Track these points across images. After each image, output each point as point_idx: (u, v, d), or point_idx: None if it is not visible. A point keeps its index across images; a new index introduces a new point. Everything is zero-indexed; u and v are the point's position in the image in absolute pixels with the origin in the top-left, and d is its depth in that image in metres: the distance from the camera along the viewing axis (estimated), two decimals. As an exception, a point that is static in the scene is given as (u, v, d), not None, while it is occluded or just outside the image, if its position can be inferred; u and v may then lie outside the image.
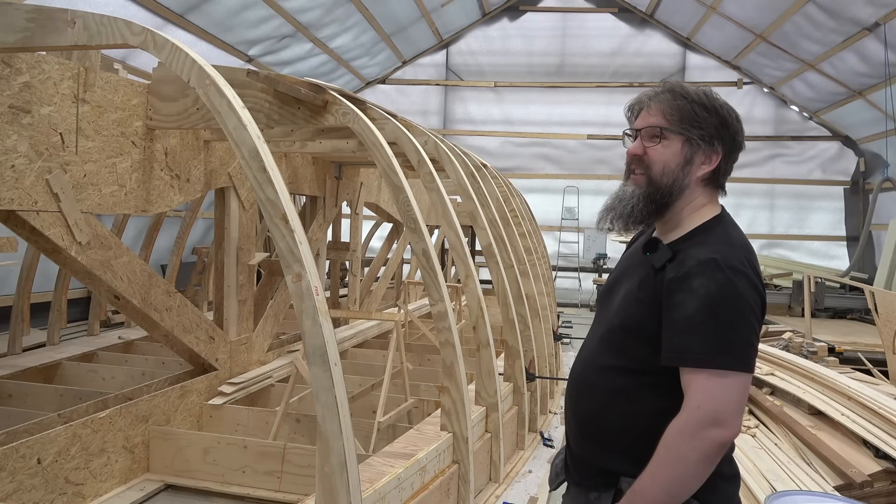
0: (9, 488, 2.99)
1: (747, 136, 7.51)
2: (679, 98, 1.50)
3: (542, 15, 13.54)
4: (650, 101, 1.53)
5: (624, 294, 1.54)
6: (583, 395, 1.58)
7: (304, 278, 2.29)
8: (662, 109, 1.50)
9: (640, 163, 1.52)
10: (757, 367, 5.44)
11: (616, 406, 1.50)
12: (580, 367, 1.62)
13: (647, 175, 1.51)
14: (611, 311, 1.57)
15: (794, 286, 10.19)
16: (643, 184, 1.51)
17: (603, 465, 1.53)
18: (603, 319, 1.60)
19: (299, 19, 9.62)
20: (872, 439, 3.81)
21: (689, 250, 1.43)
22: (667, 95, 1.52)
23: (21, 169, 3.12)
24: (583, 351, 1.66)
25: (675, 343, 1.37)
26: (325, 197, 6.22)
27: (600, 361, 1.54)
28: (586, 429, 1.57)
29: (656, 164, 1.50)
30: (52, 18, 2.68)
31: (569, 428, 1.65)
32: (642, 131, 1.52)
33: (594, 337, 1.61)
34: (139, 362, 5.35)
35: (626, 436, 1.50)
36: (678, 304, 1.37)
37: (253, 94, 3.68)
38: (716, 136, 1.53)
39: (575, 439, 1.62)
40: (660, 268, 1.45)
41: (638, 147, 1.52)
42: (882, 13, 8.54)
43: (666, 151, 1.50)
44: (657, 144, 1.50)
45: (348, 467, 2.21)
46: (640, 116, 1.55)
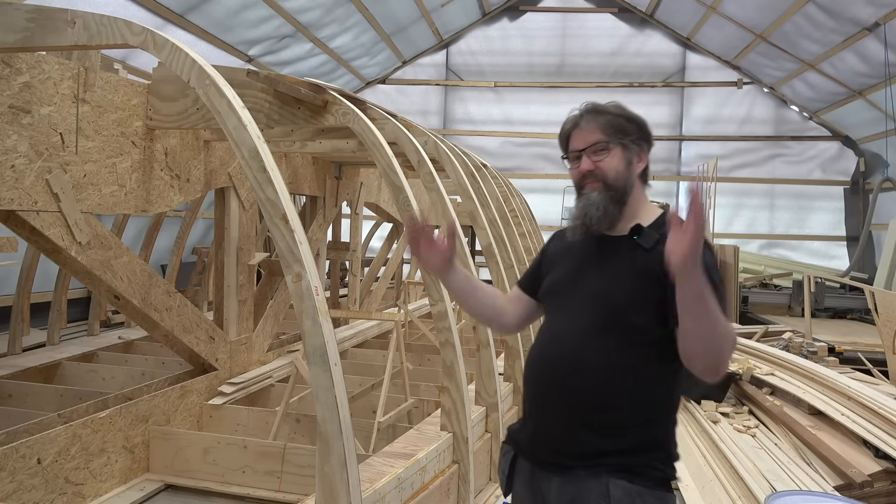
0: (9, 488, 2.99)
1: (748, 135, 7.66)
2: (605, 114, 1.73)
3: (542, 15, 13.54)
4: (582, 123, 1.74)
5: (608, 280, 1.67)
6: (580, 378, 1.65)
7: (304, 278, 2.29)
8: (598, 126, 1.71)
9: (592, 176, 1.71)
10: (757, 367, 5.44)
11: (617, 382, 1.62)
12: (566, 348, 1.69)
13: (602, 182, 1.70)
14: (592, 296, 1.68)
15: (794, 286, 10.19)
16: (602, 188, 1.70)
17: (593, 445, 1.64)
18: (579, 305, 1.70)
19: (299, 19, 9.62)
20: (872, 439, 3.81)
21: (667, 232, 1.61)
22: (594, 115, 1.73)
23: (21, 169, 3.12)
24: (558, 336, 1.73)
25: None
26: (325, 197, 6.22)
27: (598, 343, 1.65)
28: (584, 410, 1.63)
29: (609, 172, 1.70)
30: (52, 18, 2.68)
31: (551, 413, 1.70)
32: (587, 149, 1.72)
33: (574, 320, 1.70)
34: (139, 362, 5.35)
35: (624, 409, 1.63)
36: None
37: (253, 94, 3.68)
38: (640, 139, 1.74)
39: (562, 422, 1.67)
40: (649, 248, 1.64)
41: (588, 163, 1.72)
42: (882, 13, 8.54)
43: (613, 160, 1.71)
44: (605, 156, 1.71)
45: (348, 467, 2.21)
46: (577, 138, 1.74)
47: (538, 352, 1.78)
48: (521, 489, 1.77)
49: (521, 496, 1.78)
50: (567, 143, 1.78)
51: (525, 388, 1.82)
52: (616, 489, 1.60)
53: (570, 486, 1.63)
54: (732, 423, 4.70)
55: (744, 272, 11.33)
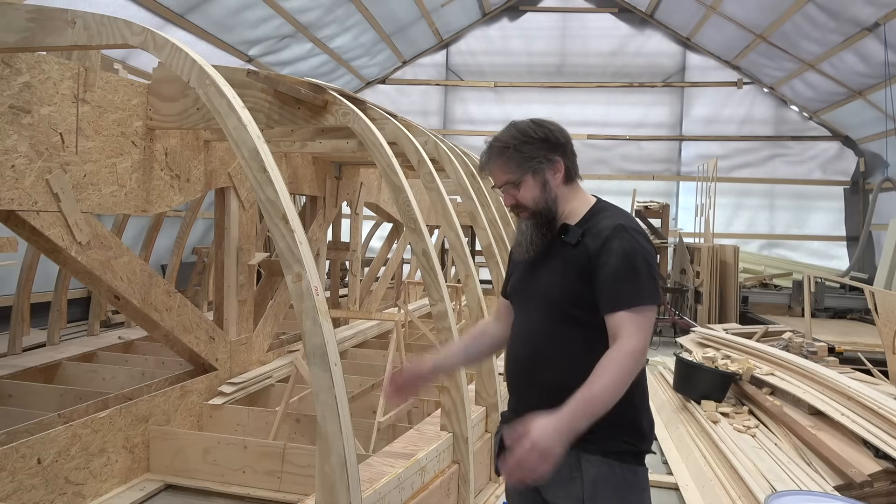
0: (9, 488, 2.99)
1: (748, 135, 7.63)
2: (504, 152, 1.82)
3: (542, 15, 13.53)
4: (489, 167, 1.87)
5: (549, 276, 1.82)
6: (542, 367, 1.80)
7: (304, 278, 2.29)
8: (502, 166, 1.83)
9: (517, 207, 1.86)
10: (757, 367, 5.44)
11: (576, 367, 1.70)
12: (528, 346, 1.84)
13: (528, 210, 1.84)
14: (541, 294, 1.83)
15: (794, 286, 10.18)
16: (529, 216, 1.85)
17: None
18: (535, 303, 1.85)
19: (299, 19, 9.61)
20: (872, 439, 3.81)
21: (598, 224, 1.77)
22: (496, 157, 1.83)
23: (21, 169, 3.12)
24: (521, 334, 1.89)
25: (608, 294, 1.69)
26: (325, 197, 6.22)
27: (552, 334, 1.79)
28: (552, 395, 1.68)
29: (528, 202, 1.83)
30: (52, 18, 2.68)
31: (526, 401, 1.83)
32: (502, 188, 1.86)
33: (530, 320, 1.85)
34: (139, 362, 5.35)
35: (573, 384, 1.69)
36: (604, 264, 1.70)
37: (253, 94, 3.68)
38: (548, 152, 1.82)
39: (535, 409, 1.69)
40: (575, 244, 1.77)
41: (509, 199, 1.86)
42: (882, 13, 8.54)
43: (528, 191, 1.82)
44: (518, 191, 1.83)
45: (348, 467, 2.21)
46: (492, 174, 1.88)
47: (509, 349, 1.94)
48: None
49: None
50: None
51: (506, 379, 1.98)
52: (588, 464, 1.73)
53: None
54: (732, 423, 4.70)
55: (744, 272, 11.33)
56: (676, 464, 4.41)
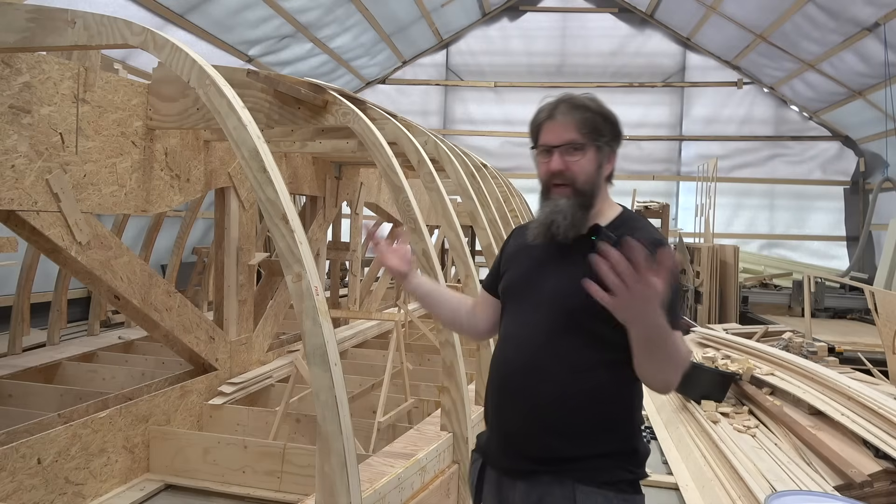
0: (9, 488, 2.99)
1: (748, 135, 7.63)
2: (582, 110, 1.62)
3: (542, 15, 13.54)
4: (558, 115, 1.63)
5: (566, 280, 1.59)
6: (539, 381, 1.60)
7: (304, 278, 2.29)
8: (574, 123, 1.61)
9: (562, 177, 1.62)
10: (757, 367, 5.44)
11: (578, 383, 1.58)
12: (526, 352, 1.64)
13: (572, 186, 1.62)
14: (552, 298, 1.63)
15: (794, 286, 10.19)
16: (570, 194, 1.62)
17: (557, 451, 1.59)
18: (540, 306, 1.64)
19: (299, 19, 9.62)
20: (872, 439, 3.81)
21: (634, 235, 1.54)
22: (571, 109, 1.62)
23: (21, 169, 3.12)
24: (518, 339, 1.68)
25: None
26: (325, 197, 6.22)
27: (557, 343, 1.60)
28: (544, 410, 1.58)
29: (580, 176, 1.62)
30: (52, 18, 2.68)
31: (512, 417, 1.65)
32: (560, 147, 1.62)
33: (531, 325, 1.65)
34: (139, 362, 5.35)
35: (587, 411, 1.59)
36: None
37: (253, 94, 3.68)
38: (612, 140, 1.67)
39: (523, 426, 1.62)
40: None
41: (559, 162, 1.62)
42: (882, 13, 8.54)
43: (586, 163, 1.62)
44: (578, 158, 1.62)
45: (348, 467, 2.21)
46: (550, 131, 1.64)
47: (498, 356, 1.73)
48: (490, 497, 1.72)
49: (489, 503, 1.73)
50: (538, 134, 1.68)
51: (487, 394, 1.76)
52: (583, 496, 1.57)
53: (534, 492, 1.59)
54: (732, 423, 4.70)
55: (744, 272, 11.33)
56: (676, 464, 4.41)
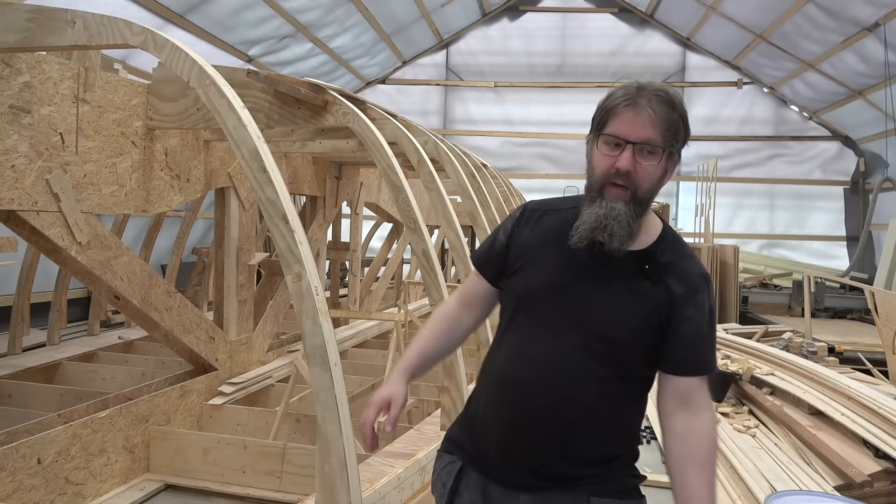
0: (9, 488, 2.99)
1: (748, 135, 7.60)
2: (672, 109, 1.40)
3: (542, 15, 13.54)
4: (643, 106, 1.38)
5: (611, 307, 1.45)
6: (566, 409, 1.45)
7: (304, 278, 2.29)
8: (659, 121, 1.38)
9: (625, 179, 1.40)
10: (757, 367, 5.44)
11: (605, 413, 1.47)
12: (556, 382, 1.46)
13: (631, 191, 1.41)
14: (593, 322, 1.45)
15: (794, 286, 10.19)
16: (628, 199, 1.41)
17: (571, 471, 1.49)
18: (579, 330, 1.46)
19: (299, 19, 9.62)
20: (872, 439, 3.81)
21: (683, 265, 1.48)
22: (666, 106, 1.39)
23: (21, 169, 3.12)
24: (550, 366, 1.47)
25: (692, 356, 1.47)
26: (325, 197, 6.22)
27: (591, 375, 1.45)
28: (567, 440, 1.46)
29: (645, 183, 1.41)
30: (52, 18, 2.68)
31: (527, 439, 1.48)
32: (637, 145, 1.38)
33: (568, 350, 1.46)
34: (139, 362, 5.35)
35: (610, 438, 1.50)
36: (689, 318, 1.45)
37: (253, 94, 3.68)
38: (681, 147, 1.45)
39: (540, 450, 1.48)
40: (656, 280, 1.45)
41: (629, 162, 1.39)
42: (882, 13, 8.54)
43: (654, 168, 1.41)
44: (652, 162, 1.40)
45: (348, 467, 2.21)
46: (631, 122, 1.38)
47: (511, 370, 1.51)
48: (472, 500, 1.56)
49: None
50: (607, 119, 1.42)
51: (487, 398, 1.56)
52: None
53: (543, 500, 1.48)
54: (732, 423, 4.70)
55: (744, 272, 11.33)
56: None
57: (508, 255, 1.57)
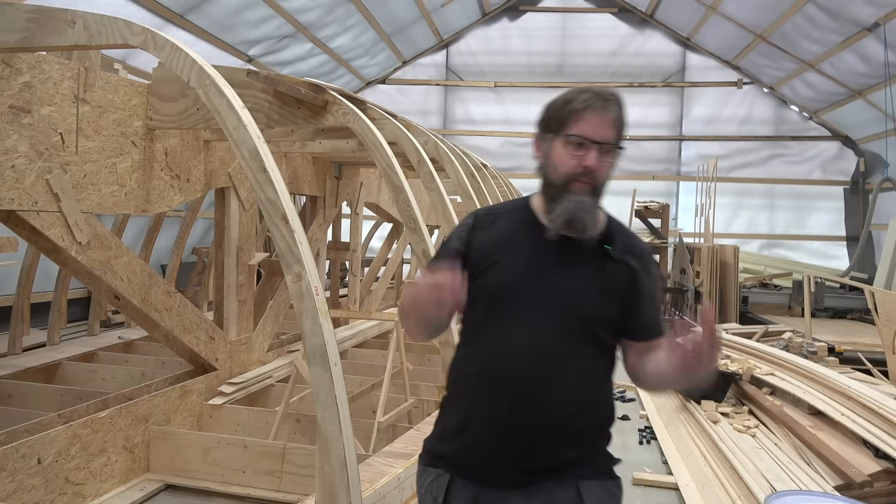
0: (9, 488, 2.99)
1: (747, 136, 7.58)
2: (622, 112, 1.54)
3: (542, 15, 13.54)
4: (603, 109, 1.50)
5: (584, 285, 1.56)
6: (555, 391, 1.52)
7: (304, 278, 2.29)
8: (616, 123, 1.53)
9: (589, 176, 1.52)
10: (757, 367, 5.44)
11: (589, 390, 1.59)
12: (542, 365, 1.52)
13: (593, 185, 1.53)
14: (566, 303, 1.54)
15: (794, 286, 10.19)
16: (590, 192, 1.54)
17: (562, 458, 1.55)
18: (556, 313, 1.54)
19: (299, 19, 9.62)
20: (872, 439, 3.81)
21: (633, 242, 1.66)
22: (618, 107, 1.53)
23: (21, 169, 3.12)
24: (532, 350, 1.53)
25: (653, 323, 1.64)
26: (325, 197, 6.22)
27: (573, 354, 1.54)
28: (559, 423, 1.53)
29: (603, 178, 1.55)
30: (52, 18, 2.69)
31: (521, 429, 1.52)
32: (601, 145, 1.50)
33: (548, 333, 1.53)
34: (139, 362, 5.35)
35: (594, 416, 1.61)
36: (647, 289, 1.62)
37: (253, 94, 3.69)
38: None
39: (535, 437, 1.53)
40: (617, 258, 1.59)
41: (594, 159, 1.50)
42: (882, 13, 8.54)
43: (611, 165, 1.56)
44: (611, 160, 1.55)
45: (348, 467, 2.21)
46: (593, 124, 1.50)
47: (494, 364, 1.55)
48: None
49: None
50: (567, 121, 1.52)
51: (466, 403, 1.59)
52: (588, 491, 1.56)
53: (535, 501, 1.53)
54: (732, 423, 4.70)
55: (744, 272, 11.33)
56: (676, 464, 4.41)
57: (468, 261, 1.60)
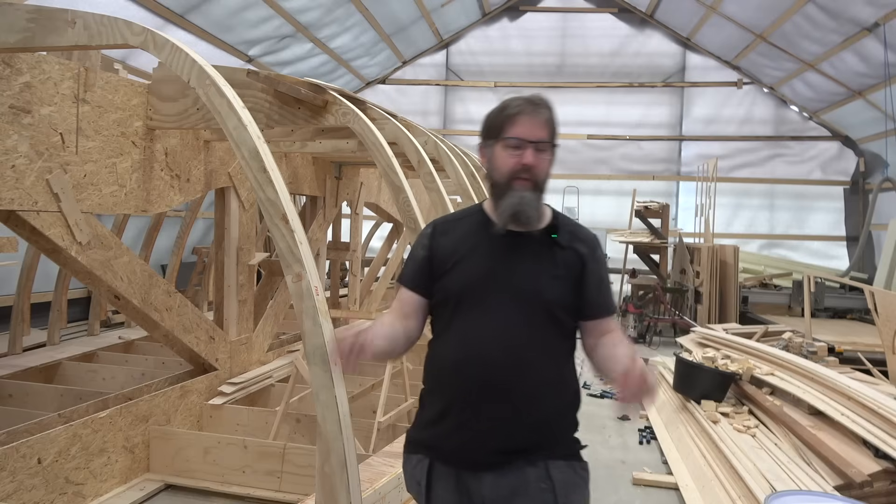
0: (9, 488, 2.99)
1: (748, 135, 7.67)
2: (549, 111, 1.73)
3: (542, 15, 13.53)
4: (532, 112, 1.69)
5: (537, 275, 1.71)
6: (524, 375, 1.66)
7: (305, 278, 2.29)
8: (547, 123, 1.71)
9: (528, 173, 1.69)
10: (757, 367, 5.44)
11: (556, 372, 1.72)
12: (510, 351, 1.65)
13: (533, 181, 1.70)
14: (527, 292, 1.70)
15: (794, 286, 10.18)
16: (532, 188, 1.70)
17: (532, 438, 1.67)
18: (518, 302, 1.69)
19: (299, 19, 9.62)
20: (872, 439, 3.81)
21: (580, 231, 1.81)
22: (546, 109, 1.72)
23: (21, 169, 3.12)
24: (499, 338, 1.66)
25: (601, 301, 1.78)
26: (325, 197, 6.22)
27: (538, 338, 1.69)
28: (530, 405, 1.66)
29: (542, 173, 1.72)
30: (52, 18, 2.69)
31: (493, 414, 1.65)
32: (535, 143, 1.69)
33: (513, 320, 1.67)
34: (139, 362, 5.35)
35: (562, 396, 1.73)
36: (594, 272, 1.76)
37: (253, 94, 3.69)
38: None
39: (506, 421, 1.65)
40: (566, 245, 1.74)
41: (530, 157, 1.68)
42: (882, 13, 8.54)
43: (548, 162, 1.74)
44: (546, 157, 1.72)
45: (348, 467, 2.21)
46: (525, 126, 1.69)
47: (464, 353, 1.68)
48: (446, 494, 1.71)
49: (447, 500, 1.71)
50: (503, 126, 1.71)
51: (443, 392, 1.72)
52: (556, 471, 1.68)
53: (506, 479, 1.65)
54: (732, 423, 4.70)
55: (744, 272, 11.32)
56: (676, 464, 4.41)
57: (432, 265, 1.78)
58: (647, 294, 10.34)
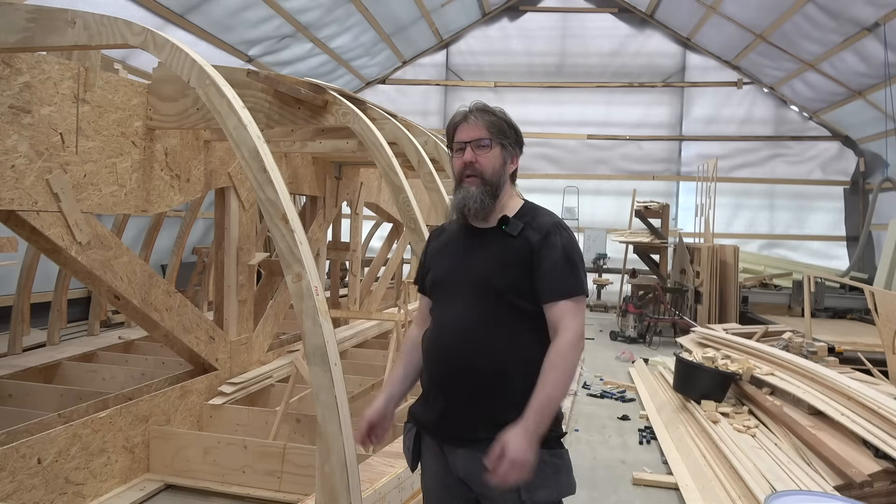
0: (9, 488, 2.99)
1: (748, 135, 7.71)
2: (490, 115, 1.90)
3: (542, 15, 13.54)
4: (471, 118, 1.89)
5: (486, 265, 1.85)
6: (480, 356, 1.80)
7: (304, 278, 2.29)
8: (484, 124, 1.88)
9: (472, 169, 1.88)
10: (757, 367, 5.44)
11: (513, 352, 1.81)
12: (461, 333, 1.83)
13: (480, 177, 1.87)
14: (476, 281, 1.85)
15: (794, 286, 10.18)
16: (479, 184, 1.87)
17: (497, 419, 1.75)
18: (467, 290, 1.86)
19: (299, 19, 9.62)
20: (872, 439, 3.81)
21: (537, 220, 1.88)
22: (482, 113, 1.90)
23: (21, 169, 3.12)
24: (450, 323, 1.87)
25: (552, 285, 1.81)
26: (325, 197, 6.22)
27: (488, 320, 1.82)
28: (488, 385, 1.79)
29: (487, 168, 1.88)
30: (52, 18, 2.69)
31: (457, 393, 1.82)
32: (472, 143, 1.88)
33: (460, 307, 1.85)
34: (139, 362, 5.35)
35: (522, 375, 1.78)
36: (546, 257, 1.82)
37: (253, 94, 3.69)
38: (515, 144, 1.95)
39: (468, 400, 1.81)
40: (516, 236, 1.85)
41: (470, 155, 1.88)
42: (882, 13, 8.54)
43: (492, 157, 1.89)
44: (486, 153, 1.88)
45: (348, 467, 2.21)
46: (463, 131, 1.89)
47: (435, 340, 1.90)
48: (431, 461, 1.92)
49: (432, 467, 1.92)
50: (453, 135, 1.93)
51: (426, 373, 1.94)
52: None
53: (475, 456, 1.76)
54: (732, 423, 4.70)
55: (744, 272, 11.32)
56: (676, 464, 4.41)
57: (425, 268, 2.05)
58: (647, 294, 10.34)
